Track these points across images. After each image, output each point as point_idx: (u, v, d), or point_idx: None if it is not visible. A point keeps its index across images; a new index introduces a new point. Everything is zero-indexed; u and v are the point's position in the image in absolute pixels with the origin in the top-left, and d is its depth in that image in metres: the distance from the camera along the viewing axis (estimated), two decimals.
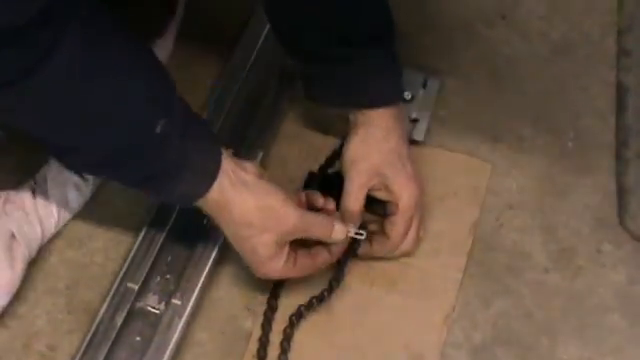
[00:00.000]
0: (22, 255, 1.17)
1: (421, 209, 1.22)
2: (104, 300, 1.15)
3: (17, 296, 1.17)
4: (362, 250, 1.20)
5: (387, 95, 1.20)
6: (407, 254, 1.22)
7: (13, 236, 1.16)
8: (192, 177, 1.05)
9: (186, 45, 1.41)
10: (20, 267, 1.17)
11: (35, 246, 1.19)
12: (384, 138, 1.18)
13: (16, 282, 1.17)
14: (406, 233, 1.20)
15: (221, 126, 1.30)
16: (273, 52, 1.36)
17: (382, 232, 1.20)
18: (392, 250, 1.21)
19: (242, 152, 1.26)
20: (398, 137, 1.19)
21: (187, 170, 1.04)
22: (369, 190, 1.19)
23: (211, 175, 1.06)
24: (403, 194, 1.18)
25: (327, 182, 1.25)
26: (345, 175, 1.19)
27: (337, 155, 1.29)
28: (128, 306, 1.14)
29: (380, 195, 1.19)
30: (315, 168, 1.29)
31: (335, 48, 1.17)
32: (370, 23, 1.18)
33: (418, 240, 1.23)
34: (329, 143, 1.32)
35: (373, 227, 1.22)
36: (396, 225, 1.19)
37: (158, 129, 1.00)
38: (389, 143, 1.18)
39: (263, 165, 1.29)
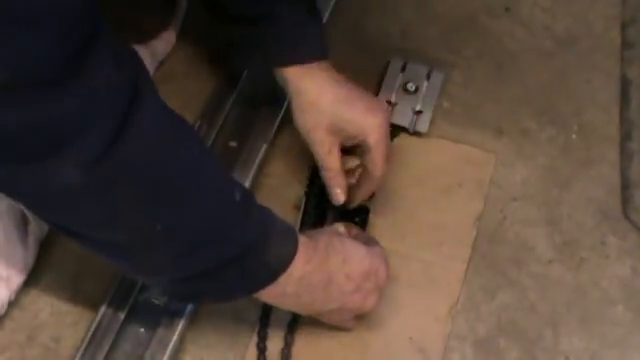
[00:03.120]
0: (34, 233, 1.17)
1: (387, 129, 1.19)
2: (108, 292, 1.15)
3: (21, 288, 1.17)
4: (355, 196, 1.20)
5: (300, 52, 1.18)
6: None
7: (24, 214, 1.16)
8: (280, 239, 1.00)
9: (190, 38, 1.41)
10: (33, 245, 1.17)
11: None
12: (320, 97, 1.17)
13: (30, 260, 1.17)
14: (387, 160, 1.18)
15: (225, 118, 1.30)
16: None
17: (366, 170, 1.19)
18: (380, 183, 1.20)
19: (246, 144, 1.27)
20: (333, 87, 1.17)
21: (273, 237, 0.99)
22: (341, 144, 1.19)
23: (294, 240, 1.02)
24: (367, 130, 1.16)
25: None
26: (309, 148, 1.19)
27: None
28: (132, 298, 1.14)
29: (352, 142, 1.18)
30: None
31: (246, 7, 1.17)
32: None
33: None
34: None
35: (359, 170, 1.21)
36: (376, 160, 1.17)
37: (237, 197, 0.96)
38: (327, 98, 1.16)
39: (267, 157, 1.29)
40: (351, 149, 1.20)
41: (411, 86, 1.35)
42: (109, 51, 0.81)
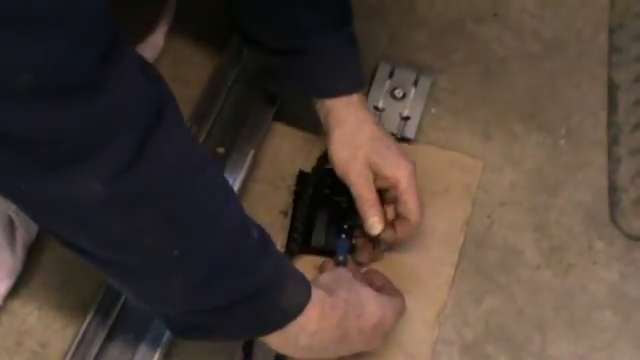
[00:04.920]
0: (22, 238, 1.16)
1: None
2: (96, 297, 1.15)
3: (9, 293, 1.17)
4: (387, 236, 1.19)
5: (343, 84, 1.19)
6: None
7: (12, 220, 1.15)
8: (294, 285, 0.98)
9: (178, 42, 1.41)
10: (21, 250, 1.17)
11: (34, 230, 1.18)
12: (359, 130, 1.18)
13: (18, 265, 1.17)
14: (421, 205, 1.18)
15: (213, 123, 1.29)
16: None
17: (399, 215, 1.19)
18: (417, 226, 1.19)
19: (234, 150, 1.27)
20: (371, 124, 1.19)
21: (288, 280, 0.97)
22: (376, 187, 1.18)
23: (308, 288, 0.99)
24: (398, 174, 1.16)
25: (321, 180, 1.24)
26: (345, 181, 1.18)
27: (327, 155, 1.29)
28: (120, 304, 1.14)
29: (383, 184, 1.18)
30: (307, 165, 1.28)
31: (288, 40, 1.17)
32: (322, 12, 1.17)
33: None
34: (321, 140, 1.31)
35: (390, 215, 1.20)
36: (409, 203, 1.17)
37: (254, 233, 0.94)
38: (365, 133, 1.17)
39: (255, 162, 1.29)
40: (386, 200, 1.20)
41: (399, 92, 1.35)
42: (135, 58, 0.80)
